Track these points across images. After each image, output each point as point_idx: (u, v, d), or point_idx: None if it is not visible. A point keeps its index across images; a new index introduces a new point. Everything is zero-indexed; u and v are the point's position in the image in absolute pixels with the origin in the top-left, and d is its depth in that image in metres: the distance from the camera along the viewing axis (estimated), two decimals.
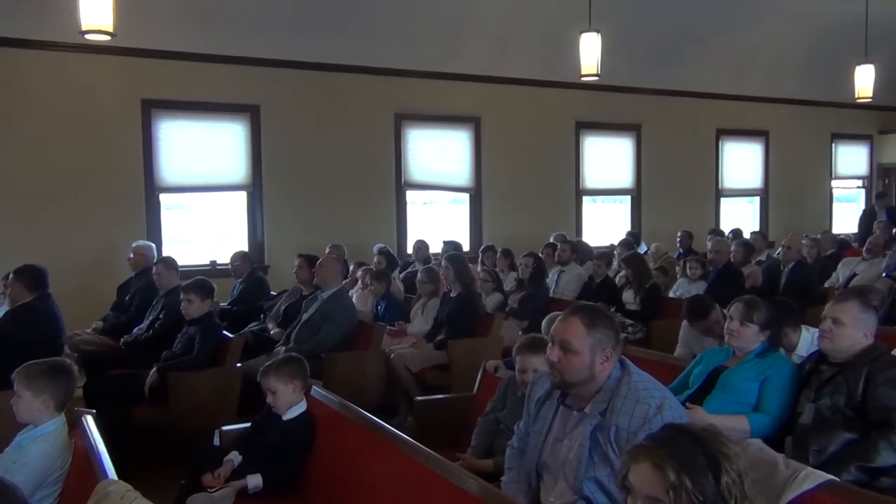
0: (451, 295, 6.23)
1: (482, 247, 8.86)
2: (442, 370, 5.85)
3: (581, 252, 8.68)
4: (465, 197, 10.09)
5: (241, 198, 8.72)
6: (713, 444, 1.60)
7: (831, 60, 11.05)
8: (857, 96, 9.58)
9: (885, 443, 2.89)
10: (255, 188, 8.62)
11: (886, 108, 12.86)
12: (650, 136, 11.14)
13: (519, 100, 10.05)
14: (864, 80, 9.42)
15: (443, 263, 6.45)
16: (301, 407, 3.66)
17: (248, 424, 3.82)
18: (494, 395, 3.78)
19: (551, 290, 7.56)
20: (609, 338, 2.53)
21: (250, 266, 7.34)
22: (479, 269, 7.69)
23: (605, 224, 11.26)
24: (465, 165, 9.91)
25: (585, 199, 10.91)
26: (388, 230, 9.32)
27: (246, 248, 8.36)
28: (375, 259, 7.67)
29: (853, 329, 3.14)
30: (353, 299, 6.79)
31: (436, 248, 8.63)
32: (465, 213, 10.11)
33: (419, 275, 6.76)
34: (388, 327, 6.12)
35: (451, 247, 8.20)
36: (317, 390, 3.81)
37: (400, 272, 8.16)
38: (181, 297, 5.21)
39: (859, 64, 9.43)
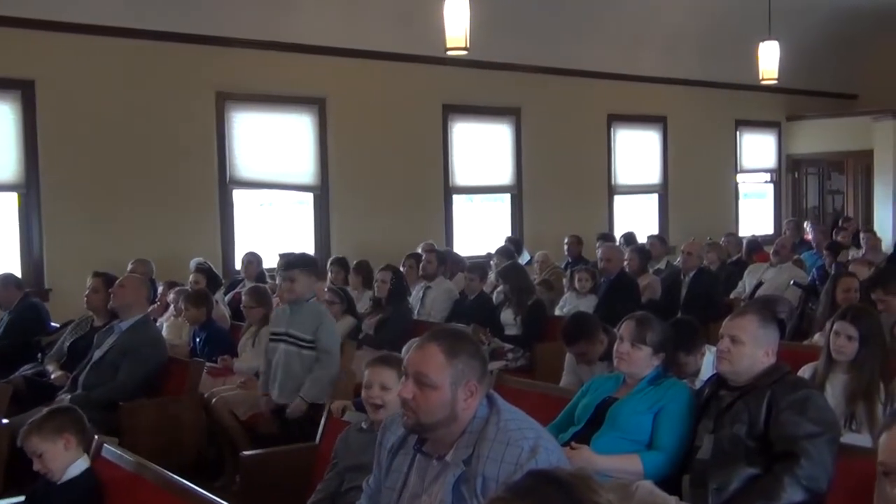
0: None
1: (330, 259, 8.82)
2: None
3: (451, 263, 8.81)
4: (309, 197, 10.02)
5: (12, 200, 8.33)
6: (582, 490, 1.66)
7: (733, 36, 11.83)
8: (761, 77, 10.31)
9: (790, 478, 3.10)
10: (31, 188, 8.21)
11: (794, 92, 13.90)
12: (531, 122, 11.50)
13: (373, 77, 10.10)
14: (769, 59, 10.15)
15: (278, 281, 6.37)
16: (81, 465, 3.57)
17: (21, 499, 3.68)
18: (334, 449, 3.75)
19: (415, 311, 7.64)
20: (474, 369, 2.58)
21: (20, 291, 6.99)
22: (325, 287, 7.65)
23: (481, 228, 11.50)
24: (308, 157, 9.85)
25: (457, 197, 11.10)
26: (210, 240, 9.12)
27: (17, 267, 7.96)
28: (192, 277, 7.52)
29: (753, 347, 3.35)
30: (163, 330, 6.66)
31: (272, 261, 8.51)
32: (310, 216, 10.04)
33: (244, 297, 6.66)
34: (208, 364, 6.02)
35: None
36: (108, 449, 3.67)
37: (225, 293, 8.03)
38: None
39: (762, 41, 10.15)
